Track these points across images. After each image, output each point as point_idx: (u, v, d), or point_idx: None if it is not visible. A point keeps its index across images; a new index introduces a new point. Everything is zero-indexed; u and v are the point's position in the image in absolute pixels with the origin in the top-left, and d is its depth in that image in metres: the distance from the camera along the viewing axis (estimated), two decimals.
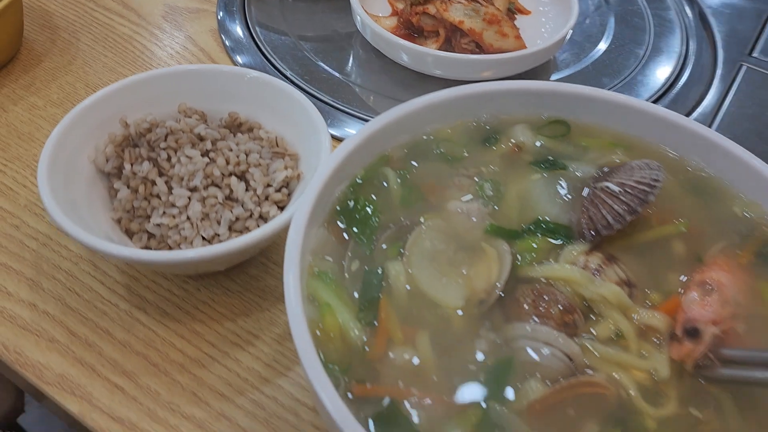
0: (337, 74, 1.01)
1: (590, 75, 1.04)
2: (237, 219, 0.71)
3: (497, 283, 0.59)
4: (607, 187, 0.65)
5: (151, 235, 0.72)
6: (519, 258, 0.61)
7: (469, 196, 0.67)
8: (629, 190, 0.63)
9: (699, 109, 0.99)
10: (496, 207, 0.66)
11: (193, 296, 0.73)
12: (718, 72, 1.05)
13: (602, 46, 1.09)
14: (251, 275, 0.75)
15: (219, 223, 0.71)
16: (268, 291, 0.74)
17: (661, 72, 1.04)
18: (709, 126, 0.96)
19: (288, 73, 0.99)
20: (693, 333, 0.53)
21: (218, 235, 0.70)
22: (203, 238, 0.70)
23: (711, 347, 0.53)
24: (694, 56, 1.07)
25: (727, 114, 0.98)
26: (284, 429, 0.64)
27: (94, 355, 0.68)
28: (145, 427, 0.64)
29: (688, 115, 0.98)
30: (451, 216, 0.65)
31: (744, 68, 1.06)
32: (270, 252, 0.77)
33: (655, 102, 1.00)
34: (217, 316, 0.72)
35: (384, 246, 0.62)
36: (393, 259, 0.61)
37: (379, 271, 0.60)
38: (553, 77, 1.05)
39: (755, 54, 1.09)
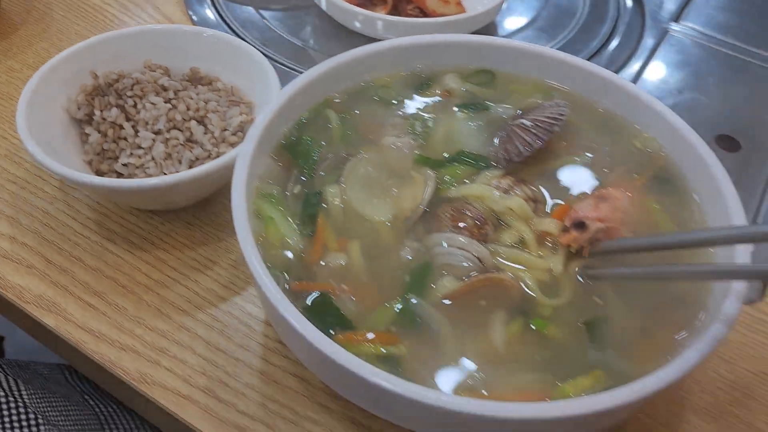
0: (296, 41, 1.09)
1: (528, 38, 1.13)
2: (197, 159, 0.80)
3: (421, 204, 0.68)
4: (522, 123, 0.74)
5: (119, 175, 0.80)
6: (442, 182, 0.70)
7: (402, 133, 0.75)
8: (539, 124, 0.73)
9: (625, 69, 1.08)
10: (424, 142, 0.75)
11: (158, 229, 0.81)
12: (645, 37, 1.14)
13: (542, 12, 1.18)
14: (211, 212, 0.83)
15: (180, 162, 0.79)
16: (226, 225, 0.82)
17: (593, 35, 1.14)
18: (636, 80, 1.06)
19: (250, 41, 1.07)
20: (579, 225, 0.62)
21: (184, 171, 0.78)
22: (168, 174, 0.78)
23: (596, 238, 0.62)
24: (625, 23, 1.17)
25: (649, 73, 1.08)
26: (237, 338, 0.73)
27: (68, 279, 0.76)
28: (113, 337, 0.72)
29: (618, 70, 1.07)
30: (385, 149, 0.74)
31: (668, 35, 1.15)
32: (228, 192, 0.85)
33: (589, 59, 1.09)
34: (179, 246, 0.80)
35: (323, 173, 0.71)
36: (330, 184, 0.69)
37: (318, 193, 0.68)
38: None
39: (681, 21, 1.19)
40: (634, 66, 1.09)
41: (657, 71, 1.09)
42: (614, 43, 1.13)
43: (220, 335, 0.73)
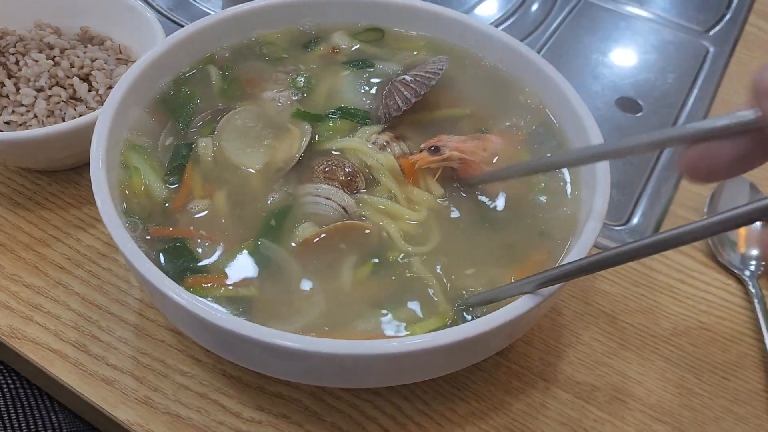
0: (209, 10, 1.08)
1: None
2: (81, 116, 0.78)
3: (296, 154, 0.68)
4: (403, 79, 0.74)
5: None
6: (318, 136, 0.70)
7: (284, 88, 0.75)
8: (419, 79, 0.73)
9: (535, 33, 1.08)
10: (305, 95, 0.75)
11: (45, 189, 0.80)
12: (559, 3, 1.15)
13: None
14: None
15: (63, 119, 0.78)
16: None
17: (505, 4, 1.14)
18: (541, 49, 1.06)
19: (164, 11, 1.06)
20: (434, 150, 0.63)
21: (59, 124, 0.77)
22: (41, 127, 0.77)
23: (450, 167, 0.65)
24: None
25: (558, 38, 1.09)
26: (114, 293, 0.72)
27: None
28: None
29: (525, 38, 1.07)
30: (264, 103, 0.74)
31: (582, 1, 1.16)
32: None
33: (496, 25, 1.09)
34: (64, 205, 0.79)
35: (199, 124, 0.70)
36: (204, 136, 0.69)
37: (189, 144, 0.68)
38: None
39: None
40: (546, 33, 1.09)
41: (565, 36, 1.09)
42: (527, 9, 1.13)
43: (97, 291, 0.72)
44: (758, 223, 0.65)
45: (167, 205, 0.63)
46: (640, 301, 0.76)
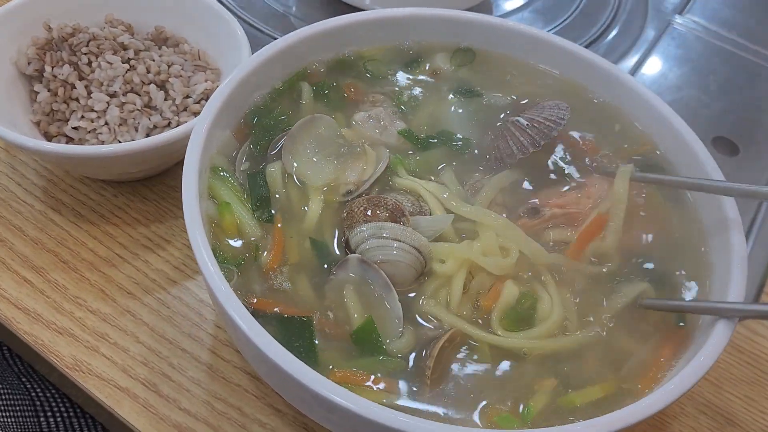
0: (277, 7, 1.02)
1: (524, 20, 1.07)
2: (155, 127, 0.73)
3: (371, 177, 0.62)
4: (517, 121, 0.67)
5: (69, 139, 0.73)
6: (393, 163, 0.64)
7: (376, 107, 0.69)
8: (537, 126, 0.66)
9: (623, 60, 1.02)
10: (407, 116, 0.69)
11: (110, 201, 0.75)
12: (647, 28, 1.08)
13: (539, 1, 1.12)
14: (169, 185, 0.77)
15: (137, 129, 0.72)
16: None
17: (592, 22, 1.07)
18: (634, 73, 1.00)
19: (225, 2, 0.99)
20: (532, 212, 0.59)
21: (139, 140, 0.71)
22: (120, 143, 0.71)
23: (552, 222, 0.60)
24: (627, 11, 1.10)
25: (648, 66, 1.02)
26: (186, 326, 0.66)
27: (4, 249, 0.69)
28: (49, 318, 0.65)
29: (616, 63, 1.00)
30: (355, 122, 0.67)
31: (671, 27, 1.09)
32: None
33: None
34: (131, 221, 0.73)
35: (278, 146, 0.64)
36: (274, 161, 0.63)
37: (263, 172, 0.62)
38: None
39: (686, 14, 1.12)
40: (633, 58, 1.03)
41: (656, 65, 1.03)
42: (614, 32, 1.06)
43: (167, 322, 0.67)
44: None
45: (264, 255, 0.57)
46: (744, 370, 0.71)
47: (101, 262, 0.70)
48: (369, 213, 0.57)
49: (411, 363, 0.54)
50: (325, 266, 0.57)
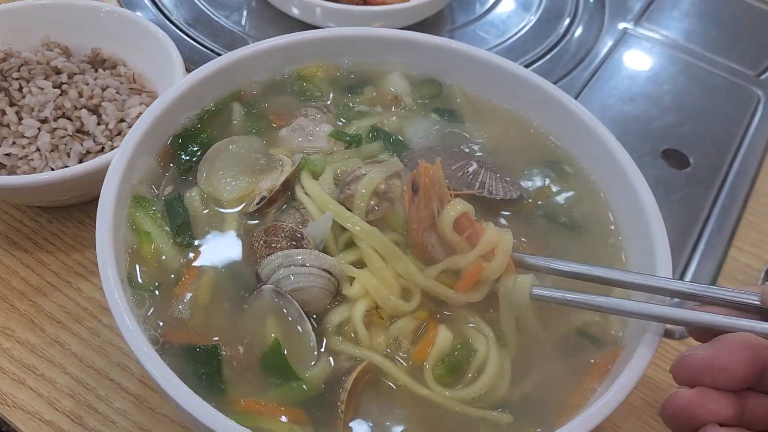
0: (231, 27, 1.01)
1: (477, 33, 1.06)
2: (88, 152, 0.72)
3: (278, 182, 0.61)
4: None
5: (1, 165, 0.72)
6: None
7: (298, 119, 0.68)
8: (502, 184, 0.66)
9: (579, 69, 1.01)
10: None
11: (45, 228, 0.74)
12: (603, 38, 1.07)
13: (496, 4, 1.11)
14: None
15: (69, 155, 0.71)
16: None
17: (549, 31, 1.07)
18: (584, 86, 0.99)
19: (182, 25, 0.98)
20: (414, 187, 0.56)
21: (68, 168, 0.71)
22: (52, 169, 0.71)
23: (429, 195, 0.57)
24: (584, 20, 1.10)
25: (602, 76, 1.01)
26: (116, 356, 0.66)
27: None
28: None
29: (567, 74, 1.00)
30: (281, 138, 0.67)
31: (627, 36, 1.09)
32: None
33: (538, 59, 1.02)
34: (65, 248, 0.73)
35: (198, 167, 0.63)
36: (193, 186, 0.62)
37: (181, 198, 0.61)
38: (445, 34, 1.06)
39: (642, 23, 1.12)
40: (587, 69, 1.02)
41: (610, 76, 1.02)
42: (570, 40, 1.06)
43: (97, 352, 0.66)
44: None
45: (179, 282, 0.57)
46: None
47: (32, 291, 0.69)
48: (273, 245, 0.56)
49: (326, 393, 0.53)
50: (242, 293, 0.57)
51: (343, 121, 0.70)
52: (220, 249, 0.59)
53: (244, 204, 0.61)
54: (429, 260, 0.57)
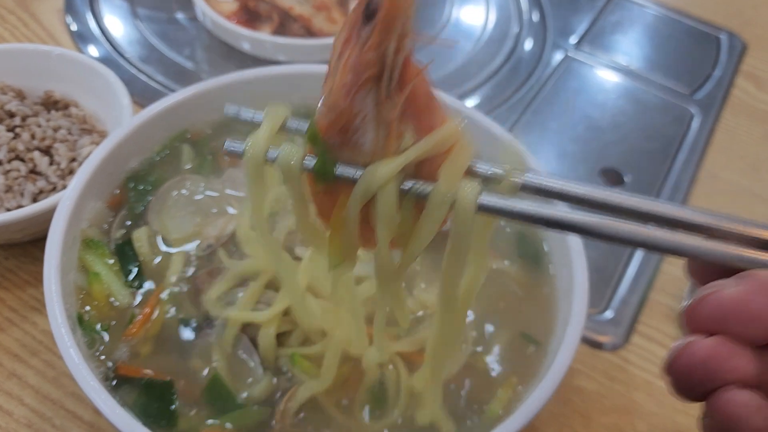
0: (184, 63, 1.04)
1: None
2: (41, 191, 0.75)
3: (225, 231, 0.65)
4: None
5: None
6: None
7: (232, 168, 0.72)
8: None
9: (520, 91, 1.06)
10: None
11: (1, 264, 0.77)
12: (544, 59, 1.12)
13: (441, 32, 1.16)
14: None
15: (23, 195, 0.74)
16: None
17: (493, 54, 1.11)
18: (525, 110, 1.04)
19: (135, 62, 1.01)
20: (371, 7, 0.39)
21: (22, 207, 0.74)
22: (7, 209, 0.74)
23: None
24: (527, 44, 1.14)
25: (543, 97, 1.06)
26: (70, 386, 0.69)
27: None
28: None
29: (509, 98, 1.04)
30: (225, 177, 0.70)
31: (567, 58, 1.14)
32: None
33: (482, 84, 1.06)
34: (21, 283, 0.76)
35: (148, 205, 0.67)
36: (142, 226, 0.66)
37: (129, 242, 0.64)
38: None
39: (583, 45, 1.17)
40: (527, 90, 1.07)
41: (551, 97, 1.07)
42: (513, 64, 1.10)
43: (53, 384, 0.69)
44: None
45: (131, 321, 0.60)
46: (615, 400, 0.74)
47: None
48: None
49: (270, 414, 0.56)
50: (194, 326, 0.60)
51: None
52: (169, 290, 0.62)
53: (194, 243, 0.65)
54: (347, 148, 0.41)
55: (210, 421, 0.55)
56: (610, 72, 1.13)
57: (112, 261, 0.63)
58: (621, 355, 0.78)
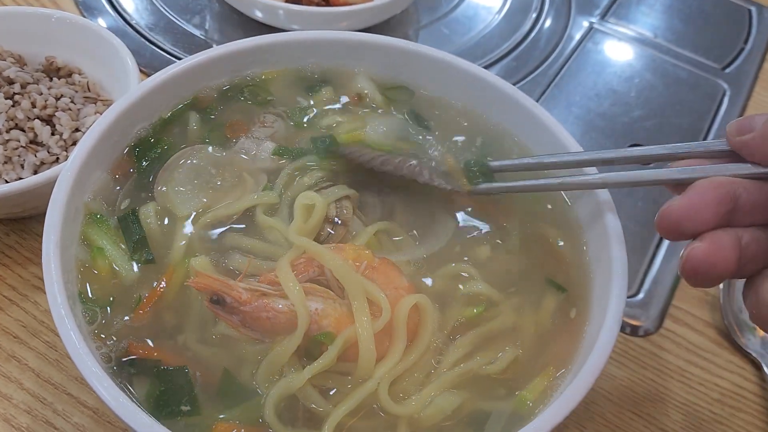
0: (193, 31, 1.00)
1: (440, 31, 1.05)
2: (42, 163, 0.71)
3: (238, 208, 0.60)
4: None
5: None
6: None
7: (265, 133, 0.68)
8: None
9: (545, 67, 1.01)
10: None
11: (1, 241, 0.73)
12: (569, 33, 1.07)
13: (466, 6, 1.11)
14: None
15: (23, 167, 0.70)
16: None
17: (514, 27, 1.06)
18: (549, 84, 0.99)
19: (143, 30, 0.97)
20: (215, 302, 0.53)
21: (22, 179, 0.70)
22: (6, 181, 0.70)
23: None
24: (551, 16, 1.09)
25: (568, 72, 1.01)
26: (73, 370, 0.64)
27: None
28: None
29: (533, 72, 1.00)
30: (236, 148, 0.66)
31: (594, 31, 1.08)
32: None
33: (504, 57, 1.02)
34: (22, 260, 0.72)
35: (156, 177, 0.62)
36: (149, 201, 0.61)
37: (135, 213, 0.60)
38: (411, 32, 1.06)
39: (609, 17, 1.12)
40: (554, 64, 1.02)
41: (577, 72, 1.02)
42: (536, 37, 1.05)
43: (54, 366, 0.65)
44: None
45: (138, 298, 0.56)
46: (648, 387, 0.70)
47: None
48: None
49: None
50: (200, 308, 0.56)
51: (302, 126, 0.69)
52: (177, 267, 0.58)
53: (204, 222, 0.60)
54: None
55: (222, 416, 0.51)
56: (637, 45, 1.08)
57: (116, 236, 0.59)
58: (653, 340, 0.74)
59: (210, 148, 0.65)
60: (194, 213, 0.60)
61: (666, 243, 0.82)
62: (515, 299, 0.58)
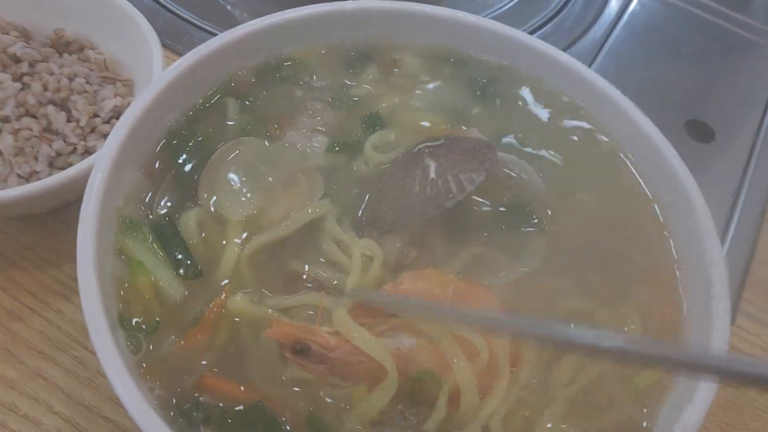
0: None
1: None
2: (58, 155, 0.63)
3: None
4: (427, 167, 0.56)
5: None
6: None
7: (314, 124, 0.60)
8: (438, 185, 0.54)
9: (586, 36, 0.93)
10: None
11: (15, 240, 0.65)
12: None
13: None
14: None
15: (37, 159, 0.62)
16: None
17: None
18: (597, 53, 0.91)
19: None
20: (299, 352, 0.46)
21: (37, 173, 0.62)
22: (19, 176, 0.62)
23: None
24: None
25: (613, 43, 0.93)
26: (108, 388, 0.58)
27: None
28: None
29: (577, 40, 0.92)
30: (284, 141, 0.59)
31: None
32: None
33: (544, 24, 0.94)
34: (40, 262, 0.65)
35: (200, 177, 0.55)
36: (190, 208, 0.54)
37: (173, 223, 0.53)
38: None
39: None
40: (597, 33, 0.94)
41: (622, 40, 0.94)
42: (576, 4, 0.97)
43: (86, 386, 0.59)
44: None
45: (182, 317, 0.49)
46: (723, 394, 0.66)
47: (6, 316, 0.61)
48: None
49: None
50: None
51: (352, 110, 0.62)
52: (233, 283, 0.51)
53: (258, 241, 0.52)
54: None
55: None
56: (687, 6, 1.00)
57: (156, 247, 0.51)
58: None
59: (257, 142, 0.57)
60: (246, 217, 0.53)
61: (733, 228, 0.76)
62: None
